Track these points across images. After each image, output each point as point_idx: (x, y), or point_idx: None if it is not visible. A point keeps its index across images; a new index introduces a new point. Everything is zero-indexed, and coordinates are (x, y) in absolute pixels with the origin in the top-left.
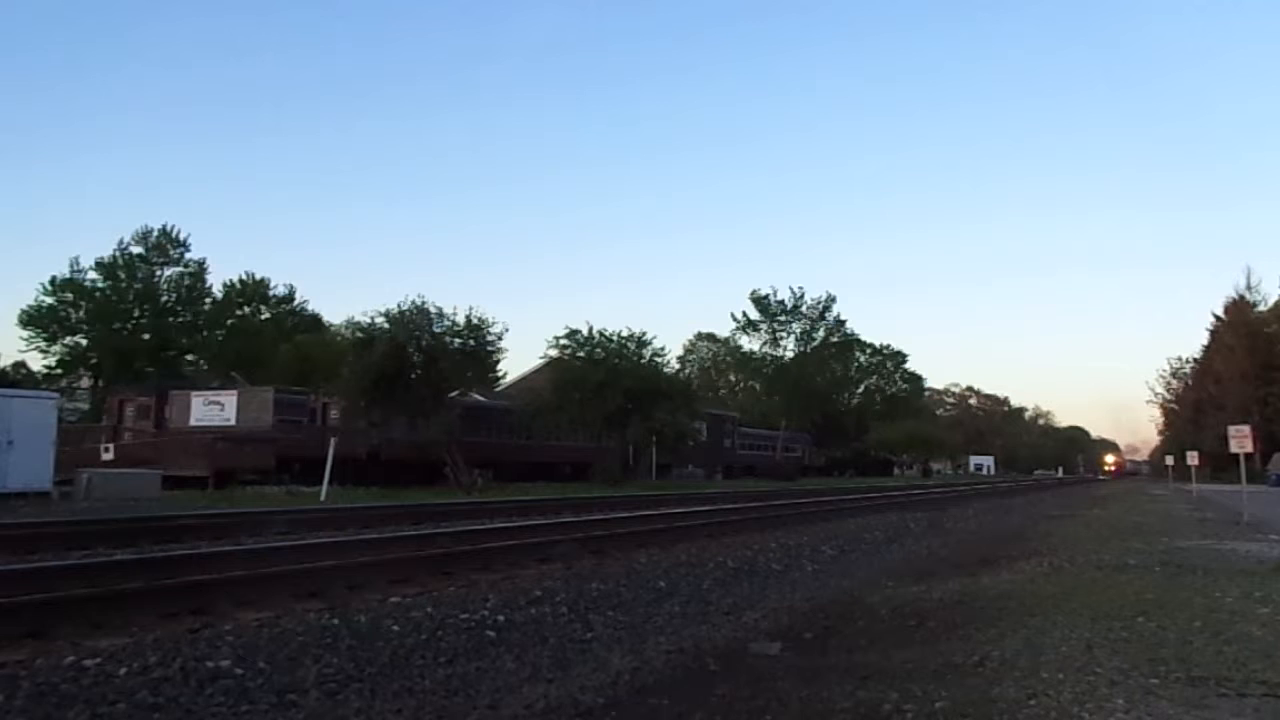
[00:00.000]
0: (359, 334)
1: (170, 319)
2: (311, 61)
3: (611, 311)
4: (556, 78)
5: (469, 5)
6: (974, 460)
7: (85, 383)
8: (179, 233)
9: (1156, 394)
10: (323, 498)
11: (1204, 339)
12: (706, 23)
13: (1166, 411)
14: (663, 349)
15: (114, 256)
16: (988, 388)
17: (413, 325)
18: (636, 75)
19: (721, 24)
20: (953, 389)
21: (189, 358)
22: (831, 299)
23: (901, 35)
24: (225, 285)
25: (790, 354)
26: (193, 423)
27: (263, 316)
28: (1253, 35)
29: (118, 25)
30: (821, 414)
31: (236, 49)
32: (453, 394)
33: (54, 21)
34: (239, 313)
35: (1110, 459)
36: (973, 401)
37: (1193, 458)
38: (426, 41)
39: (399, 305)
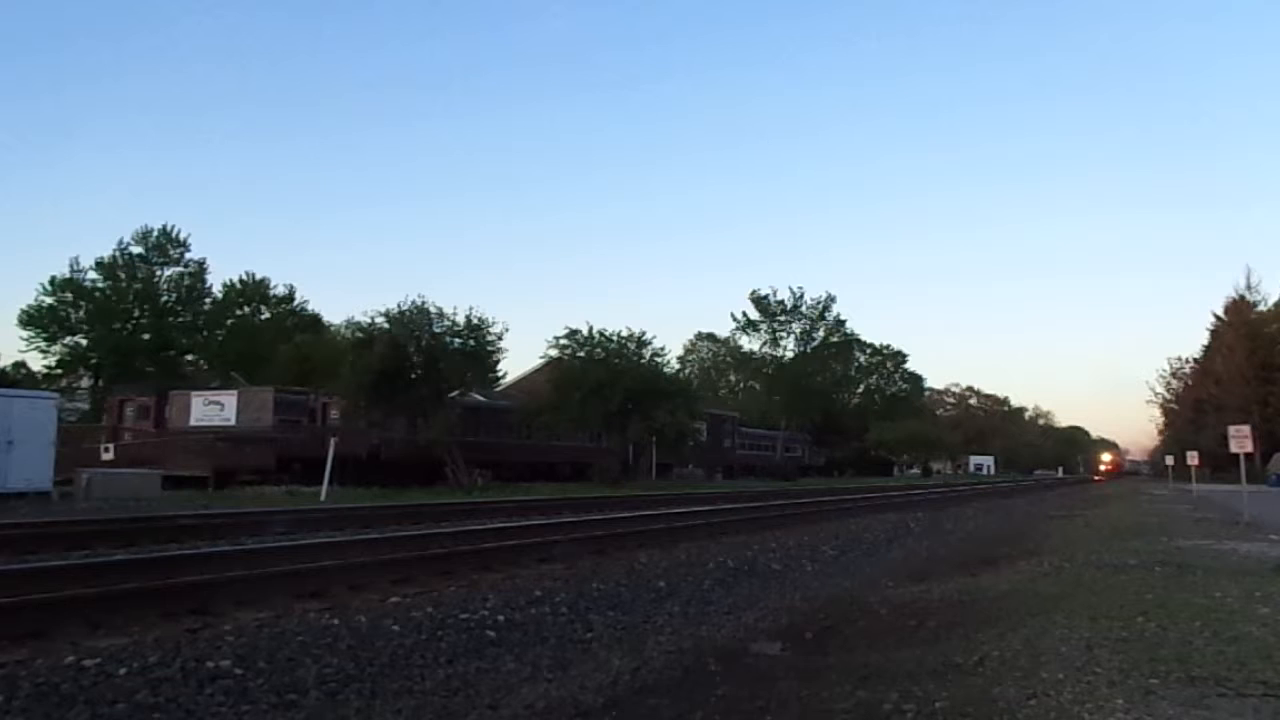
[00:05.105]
0: (359, 334)
1: (170, 319)
2: (312, 62)
3: (611, 311)
4: (557, 80)
5: (470, 8)
6: (974, 460)
7: (85, 383)
8: (179, 233)
9: (1156, 394)
10: (323, 498)
11: (1204, 339)
12: (707, 25)
13: (1166, 411)
14: (663, 349)
15: (114, 256)
16: (988, 388)
17: (413, 325)
18: (637, 77)
19: (722, 26)
20: (953, 389)
21: (189, 358)
22: (831, 299)
23: (902, 36)
24: (225, 285)
25: (790, 354)
26: (193, 423)
27: (263, 316)
28: (1252, 36)
29: (118, 26)
30: (821, 414)
31: (237, 50)
32: (453, 394)
33: (54, 22)
34: (239, 313)
35: (1106, 457)
36: (973, 401)
37: (1192, 458)
38: (427, 43)
39: (399, 305)
